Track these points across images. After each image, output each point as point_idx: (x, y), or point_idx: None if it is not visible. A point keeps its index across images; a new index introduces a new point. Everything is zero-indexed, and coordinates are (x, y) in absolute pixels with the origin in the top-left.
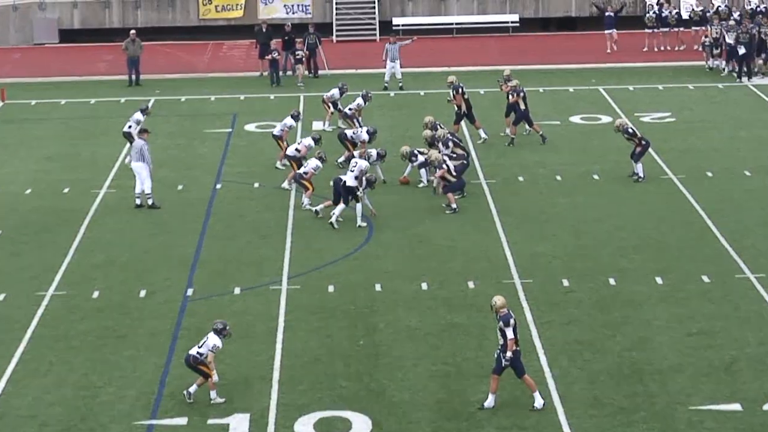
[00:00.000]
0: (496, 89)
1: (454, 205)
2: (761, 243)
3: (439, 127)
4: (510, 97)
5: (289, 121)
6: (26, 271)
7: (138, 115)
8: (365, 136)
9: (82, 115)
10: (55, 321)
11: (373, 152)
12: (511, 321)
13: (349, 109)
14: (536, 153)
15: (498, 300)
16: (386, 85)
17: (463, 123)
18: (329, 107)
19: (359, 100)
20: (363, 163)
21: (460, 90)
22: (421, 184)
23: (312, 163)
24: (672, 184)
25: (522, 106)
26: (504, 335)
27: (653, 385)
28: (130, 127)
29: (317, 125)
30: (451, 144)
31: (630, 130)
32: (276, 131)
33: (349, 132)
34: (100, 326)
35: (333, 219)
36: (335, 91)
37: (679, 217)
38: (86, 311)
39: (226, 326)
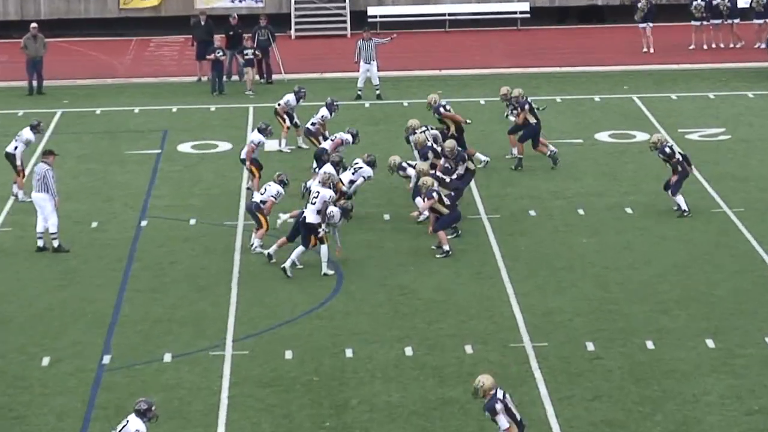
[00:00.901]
0: (497, 99)
1: (446, 247)
2: None
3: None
4: (514, 114)
5: (256, 136)
6: None
7: (27, 134)
8: (347, 137)
9: None
10: None
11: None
12: (498, 407)
13: (312, 123)
14: (551, 180)
15: (485, 381)
16: (359, 92)
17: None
18: (284, 120)
19: (323, 111)
20: (327, 193)
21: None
22: (421, 216)
23: (272, 189)
24: (727, 220)
25: (533, 120)
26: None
27: None
28: (15, 148)
29: (271, 145)
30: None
31: (667, 150)
32: (243, 153)
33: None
34: None
35: (287, 264)
36: (290, 98)
37: (735, 263)
38: None
39: (151, 407)
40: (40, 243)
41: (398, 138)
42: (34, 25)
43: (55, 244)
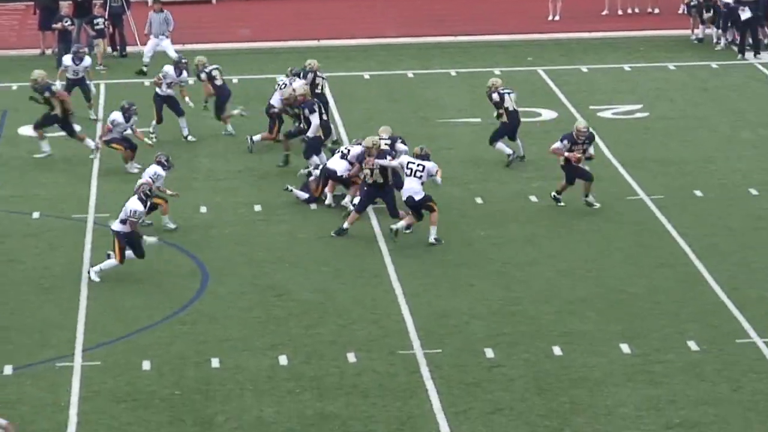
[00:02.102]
0: (386, 72)
1: (346, 225)
2: None
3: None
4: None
5: (114, 115)
6: None
7: None
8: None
9: None
10: None
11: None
12: None
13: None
14: (446, 165)
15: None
16: (144, 68)
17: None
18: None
19: (167, 69)
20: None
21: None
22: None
23: (150, 170)
24: (644, 209)
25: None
26: None
27: None
28: None
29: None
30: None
31: (495, 97)
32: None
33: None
34: None
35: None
36: (168, 69)
37: (654, 257)
38: None
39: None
40: None
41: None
42: None
43: None
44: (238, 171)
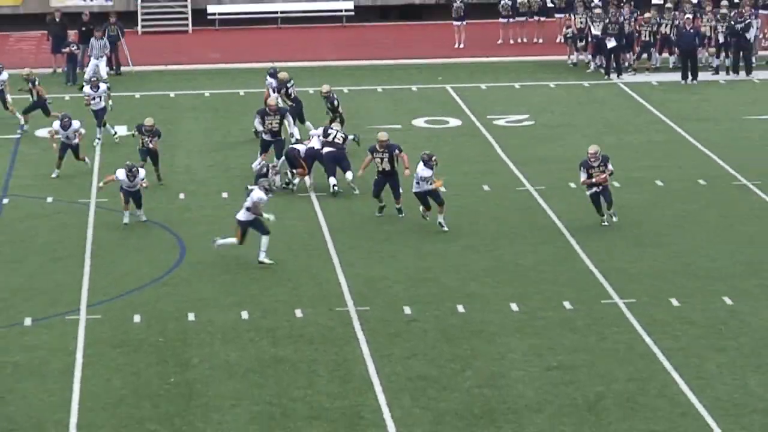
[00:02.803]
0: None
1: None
2: (631, 265)
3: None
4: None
5: (55, 124)
6: None
7: None
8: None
9: None
10: None
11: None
12: None
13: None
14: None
15: None
16: (84, 83)
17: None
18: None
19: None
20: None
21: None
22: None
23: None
24: (531, 198)
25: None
26: None
27: (507, 427)
28: None
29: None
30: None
31: (335, 102)
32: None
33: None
34: None
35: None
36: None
37: (538, 236)
38: None
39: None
40: None
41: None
42: None
43: None
44: (209, 166)
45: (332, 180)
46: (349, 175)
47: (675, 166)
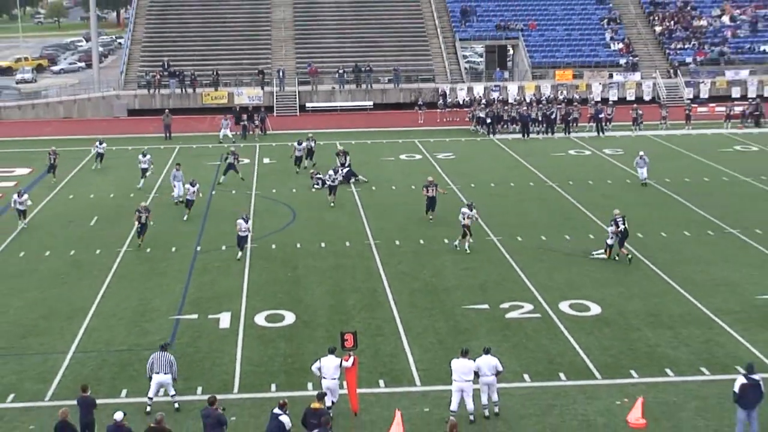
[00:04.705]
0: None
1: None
2: (508, 219)
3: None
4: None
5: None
6: None
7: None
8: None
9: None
10: None
11: None
12: None
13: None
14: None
15: None
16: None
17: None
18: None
19: None
20: None
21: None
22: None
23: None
24: (455, 193)
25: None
26: None
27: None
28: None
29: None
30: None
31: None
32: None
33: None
34: None
35: None
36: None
37: (449, 213)
38: None
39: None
40: None
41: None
42: (167, 110)
43: None
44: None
45: None
46: None
47: (518, 176)
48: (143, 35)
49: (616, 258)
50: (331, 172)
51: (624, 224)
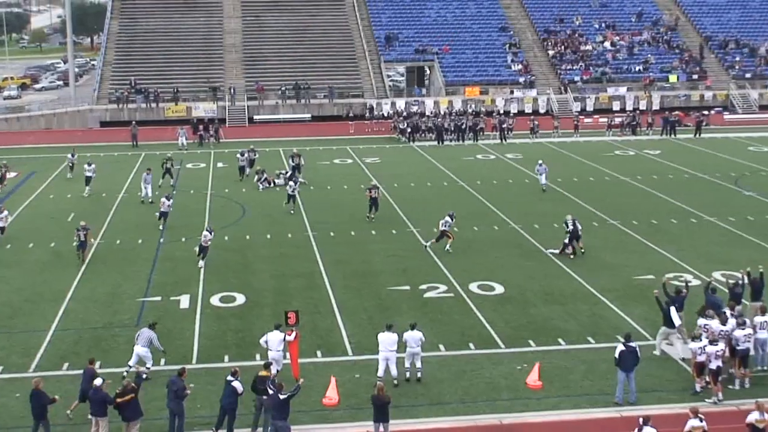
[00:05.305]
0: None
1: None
2: (427, 215)
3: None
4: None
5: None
6: None
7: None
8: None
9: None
10: None
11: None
12: None
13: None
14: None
15: None
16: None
17: None
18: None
19: None
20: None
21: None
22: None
23: None
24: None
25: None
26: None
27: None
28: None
29: None
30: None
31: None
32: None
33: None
34: None
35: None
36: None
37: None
38: None
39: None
40: None
41: None
42: (134, 122)
43: None
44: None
45: None
46: None
47: (434, 177)
48: (113, 58)
49: (572, 255)
50: (291, 183)
51: (574, 225)
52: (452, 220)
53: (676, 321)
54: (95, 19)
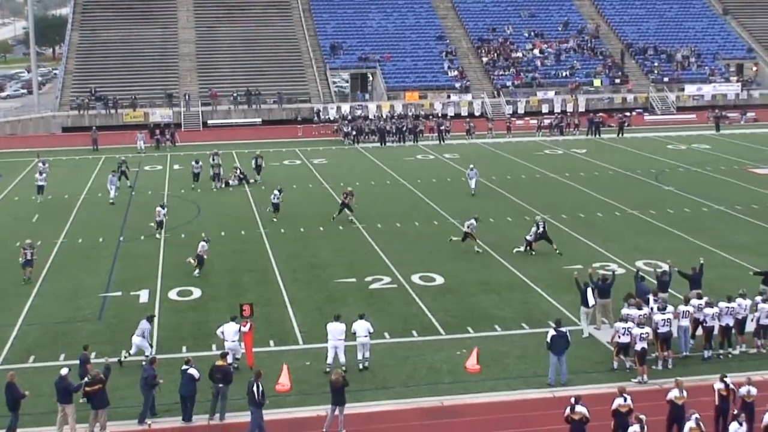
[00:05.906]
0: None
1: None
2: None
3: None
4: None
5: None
6: None
7: None
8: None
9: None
10: None
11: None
12: None
13: None
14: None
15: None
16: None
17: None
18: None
19: None
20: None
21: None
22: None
23: None
24: (327, 191)
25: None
26: None
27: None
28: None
29: None
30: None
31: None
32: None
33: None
34: None
35: None
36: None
37: (325, 207)
38: None
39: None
40: None
41: None
42: (94, 127)
43: None
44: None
45: None
46: None
47: (377, 176)
48: (74, 67)
49: (533, 252)
50: (276, 191)
51: (543, 227)
52: (476, 222)
53: (591, 301)
54: (57, 31)
